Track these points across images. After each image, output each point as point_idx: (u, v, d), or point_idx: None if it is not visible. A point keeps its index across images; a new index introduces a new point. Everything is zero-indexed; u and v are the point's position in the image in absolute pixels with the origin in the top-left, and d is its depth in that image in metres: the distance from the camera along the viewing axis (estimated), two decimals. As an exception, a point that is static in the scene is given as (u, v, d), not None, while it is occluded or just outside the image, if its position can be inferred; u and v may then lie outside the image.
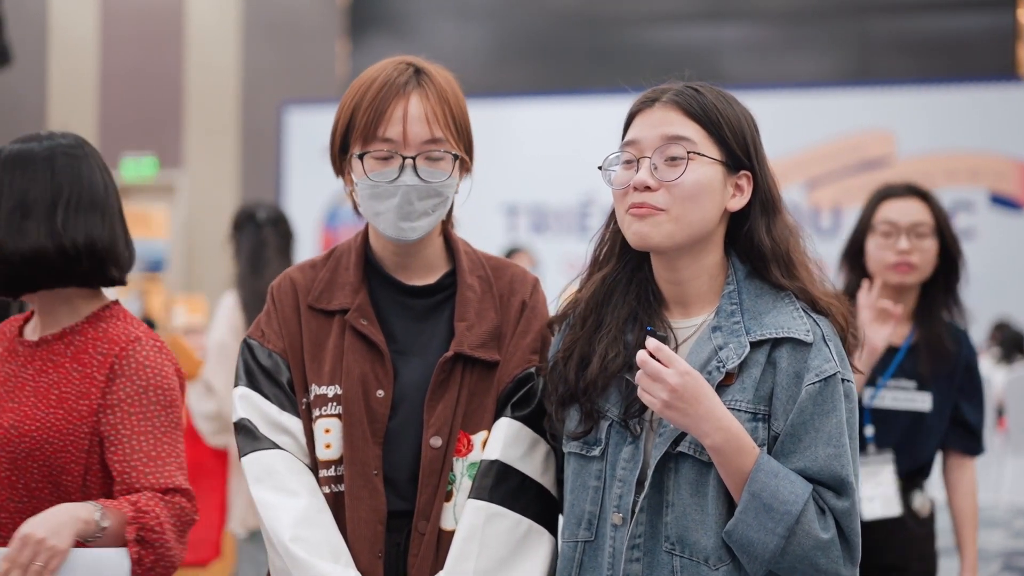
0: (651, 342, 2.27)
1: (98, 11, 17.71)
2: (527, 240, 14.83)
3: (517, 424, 2.59)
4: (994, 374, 11.97)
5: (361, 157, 2.60)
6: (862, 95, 14.47)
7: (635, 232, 2.42)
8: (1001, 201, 13.72)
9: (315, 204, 16.03)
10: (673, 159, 2.40)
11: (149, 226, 16.48)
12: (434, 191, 2.57)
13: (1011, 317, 12.83)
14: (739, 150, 2.46)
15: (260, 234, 6.24)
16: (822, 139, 14.16)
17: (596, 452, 2.47)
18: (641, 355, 2.25)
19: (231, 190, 17.24)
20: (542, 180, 14.71)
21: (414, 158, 2.55)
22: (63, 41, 17.82)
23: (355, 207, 2.72)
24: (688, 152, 2.40)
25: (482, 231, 3.24)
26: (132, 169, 17.50)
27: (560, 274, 14.00)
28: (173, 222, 17.09)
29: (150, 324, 14.02)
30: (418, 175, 2.55)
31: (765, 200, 2.49)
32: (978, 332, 13.23)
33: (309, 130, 16.08)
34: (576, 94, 15.34)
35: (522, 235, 14.93)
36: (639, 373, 2.27)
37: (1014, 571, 8.68)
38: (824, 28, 15.57)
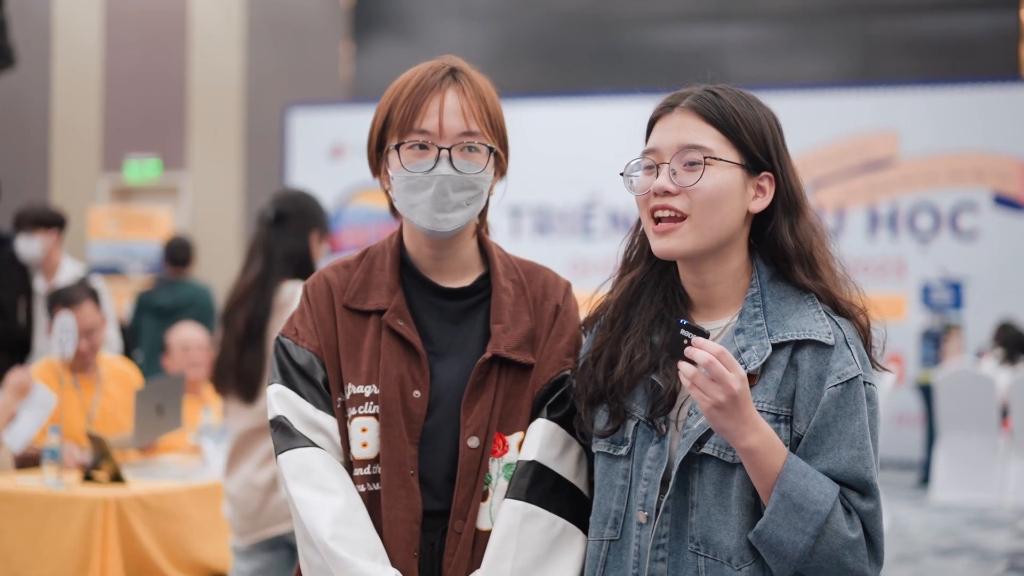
0: (712, 345, 2.26)
1: (102, 13, 17.74)
2: (530, 241, 14.84)
3: (553, 425, 2.62)
4: (998, 375, 11.98)
5: (397, 148, 2.62)
6: (866, 96, 14.48)
7: (659, 248, 2.46)
8: (1004, 202, 13.73)
9: (319, 205, 16.03)
10: (691, 164, 2.42)
11: (152, 228, 16.48)
12: (469, 183, 2.60)
13: (1014, 317, 12.85)
14: (759, 152, 2.46)
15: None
16: (826, 140, 14.17)
17: (623, 451, 2.49)
18: (705, 356, 2.25)
19: (235, 192, 17.26)
20: (546, 181, 14.73)
21: (450, 149, 2.58)
22: (67, 43, 17.85)
23: (392, 208, 2.74)
24: (705, 158, 2.41)
25: (492, 227, 3.27)
26: (136, 171, 17.52)
27: (563, 275, 13.95)
28: (177, 224, 17.10)
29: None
30: (453, 166, 2.58)
31: (788, 200, 2.49)
32: (982, 332, 13.24)
33: (313, 132, 16.10)
34: (580, 95, 15.36)
35: (525, 236, 14.94)
36: (692, 371, 2.26)
37: (1020, 572, 8.67)
38: (828, 29, 15.59)
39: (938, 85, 14.29)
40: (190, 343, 6.94)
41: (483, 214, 2.79)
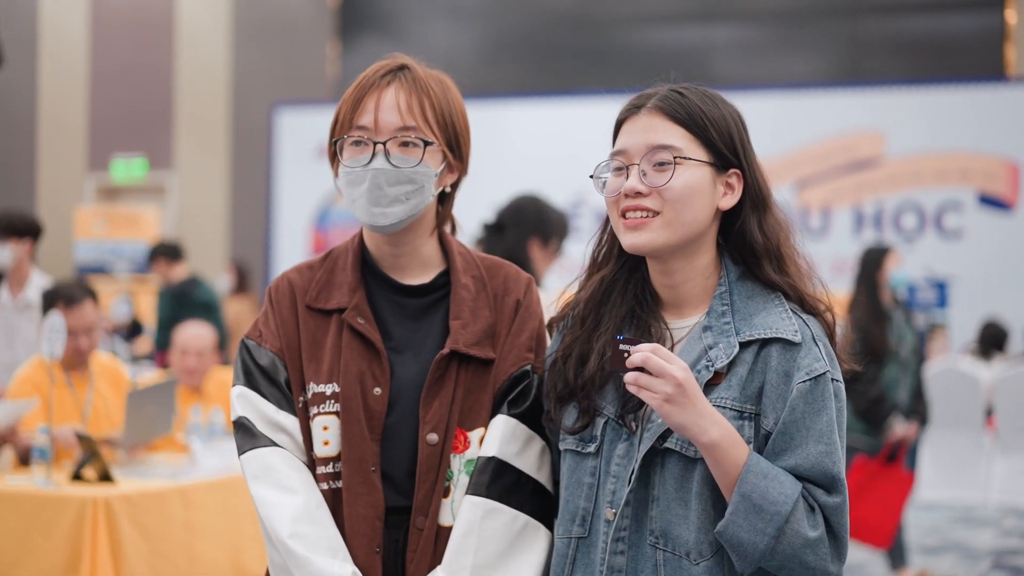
0: (644, 344, 2.30)
1: (88, 12, 17.71)
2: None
3: (513, 421, 2.63)
4: (977, 371, 12.00)
5: (337, 143, 2.67)
6: (852, 95, 14.50)
7: (630, 243, 2.47)
8: (990, 201, 13.76)
9: (306, 205, 16.03)
10: (661, 164, 2.44)
11: (139, 227, 16.47)
12: (405, 177, 2.60)
13: (999, 316, 12.88)
14: (726, 150, 2.48)
15: None
16: (812, 139, 14.20)
17: (591, 449, 2.50)
18: (642, 354, 2.29)
19: (221, 191, 17.25)
20: (532, 181, 14.61)
21: (385, 143, 2.60)
22: (53, 42, 17.82)
23: None
24: (675, 157, 2.43)
25: (472, 232, 3.31)
26: (122, 170, 17.51)
27: (551, 274, 13.96)
28: (163, 223, 17.08)
29: (138, 326, 14.02)
30: (388, 160, 2.59)
31: (755, 197, 2.51)
32: (967, 332, 13.28)
33: (300, 131, 16.08)
34: (567, 95, 15.36)
35: (513, 236, 14.93)
36: (634, 375, 2.29)
37: (1004, 570, 8.70)
38: (815, 29, 15.62)
39: (924, 85, 14.32)
40: (204, 344, 6.86)
41: (447, 211, 2.79)
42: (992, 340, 12.46)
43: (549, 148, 14.78)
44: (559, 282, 2.82)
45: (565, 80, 15.97)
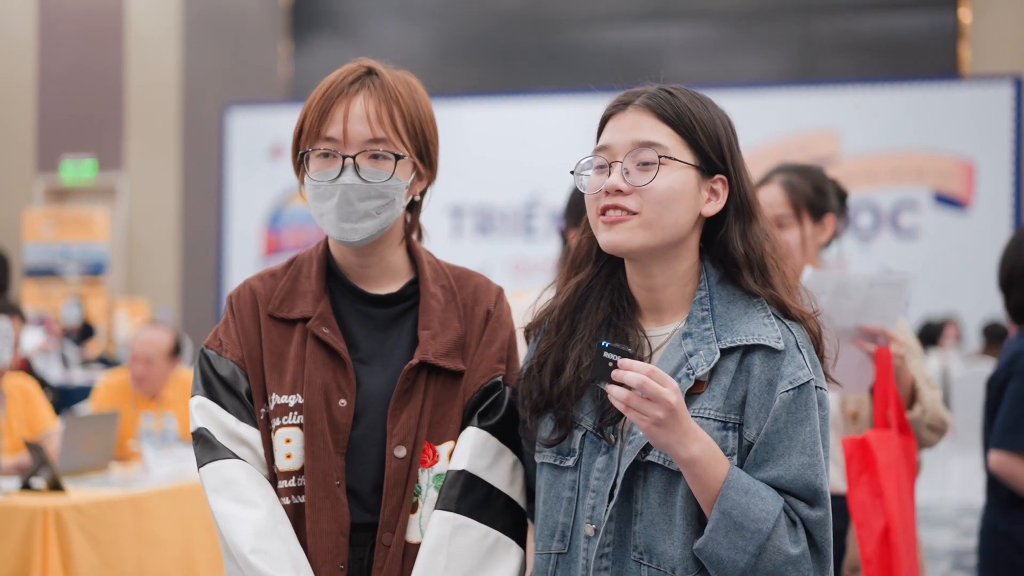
0: (640, 364, 2.19)
1: (36, 11, 17.52)
2: (472, 241, 14.77)
3: (484, 434, 2.54)
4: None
5: (305, 156, 2.57)
6: (806, 95, 14.52)
7: (607, 240, 2.38)
8: (945, 200, 13.80)
9: (258, 206, 15.92)
10: (645, 164, 2.35)
11: (90, 229, 16.30)
12: (376, 192, 2.52)
13: (956, 314, 12.91)
14: (713, 154, 2.41)
15: None
16: (767, 138, 14.19)
17: (570, 463, 2.42)
18: (638, 378, 2.18)
19: (173, 192, 17.09)
20: (487, 181, 14.68)
21: (354, 157, 2.51)
22: (1, 41, 17.61)
23: None
24: (660, 157, 2.35)
25: (426, 233, 3.21)
26: (72, 171, 17.32)
27: (506, 275, 13.95)
28: (114, 225, 16.92)
29: (89, 329, 13.82)
30: (358, 175, 2.51)
31: (740, 205, 2.44)
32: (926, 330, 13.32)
33: (251, 131, 15.97)
34: (521, 94, 15.32)
35: (467, 237, 14.87)
36: (625, 394, 2.19)
37: (964, 570, 8.71)
38: (769, 28, 15.62)
39: (878, 84, 14.36)
40: (152, 351, 6.69)
41: (415, 219, 2.73)
42: (927, 336, 12.54)
43: (503, 147, 14.74)
44: (514, 284, 2.73)
45: (519, 80, 15.91)
